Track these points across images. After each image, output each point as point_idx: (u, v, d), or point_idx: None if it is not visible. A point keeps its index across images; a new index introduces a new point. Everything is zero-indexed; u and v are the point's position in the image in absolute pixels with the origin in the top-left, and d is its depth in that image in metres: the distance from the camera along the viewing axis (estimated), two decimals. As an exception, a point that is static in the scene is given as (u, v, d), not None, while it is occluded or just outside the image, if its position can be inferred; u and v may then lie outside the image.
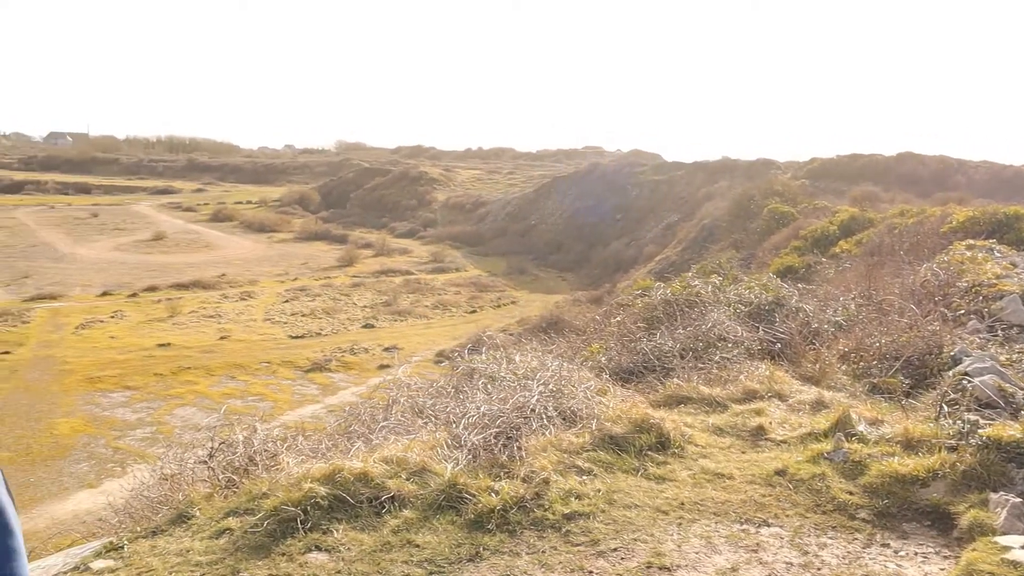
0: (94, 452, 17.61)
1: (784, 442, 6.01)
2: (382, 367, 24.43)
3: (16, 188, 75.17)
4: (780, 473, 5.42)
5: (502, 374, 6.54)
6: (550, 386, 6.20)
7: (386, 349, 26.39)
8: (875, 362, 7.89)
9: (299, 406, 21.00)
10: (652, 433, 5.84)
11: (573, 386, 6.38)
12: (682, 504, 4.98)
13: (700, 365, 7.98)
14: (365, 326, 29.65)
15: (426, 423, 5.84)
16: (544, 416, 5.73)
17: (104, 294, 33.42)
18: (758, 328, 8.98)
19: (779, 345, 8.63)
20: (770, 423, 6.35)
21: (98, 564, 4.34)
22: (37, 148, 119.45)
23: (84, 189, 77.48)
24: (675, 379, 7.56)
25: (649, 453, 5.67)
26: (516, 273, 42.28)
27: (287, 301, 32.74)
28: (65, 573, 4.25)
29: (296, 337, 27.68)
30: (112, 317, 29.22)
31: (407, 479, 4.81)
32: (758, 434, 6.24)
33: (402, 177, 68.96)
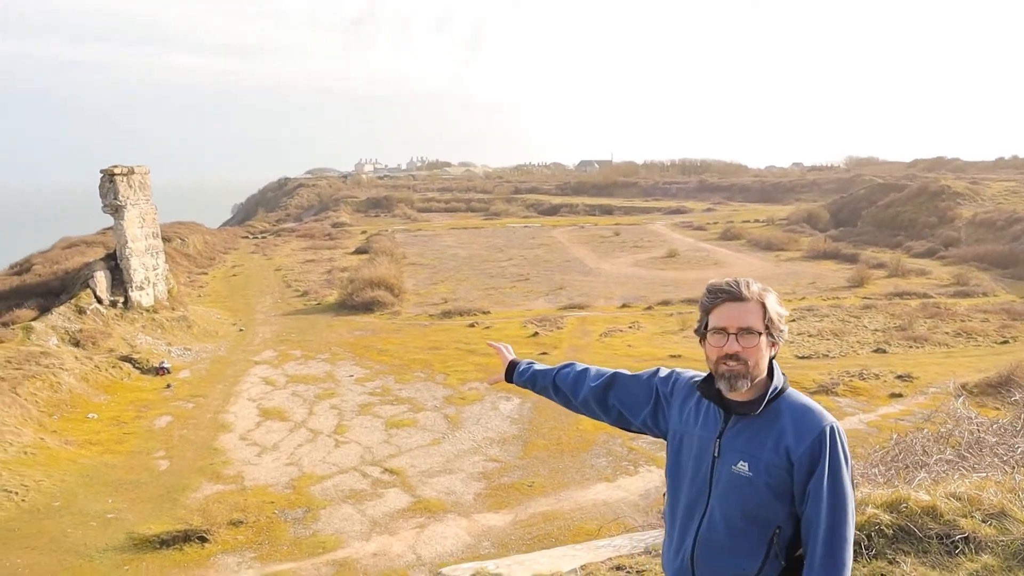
0: (611, 450, 19.15)
1: None
2: (893, 395, 22.79)
3: (553, 211, 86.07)
4: None
5: (1088, 417, 5.63)
6: None
7: (899, 377, 24.53)
8: None
9: (805, 427, 20.47)
10: None
11: None
12: None
13: None
14: (876, 350, 27.93)
15: (996, 462, 5.25)
16: None
17: (623, 306, 36.33)
18: None
19: None
20: None
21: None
22: (570, 175, 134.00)
23: (607, 210, 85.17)
24: None
25: None
26: (1061, 302, 36.36)
27: (794, 320, 32.21)
28: (634, 554, 4.67)
29: (802, 357, 27.12)
30: (630, 327, 31.60)
31: (983, 521, 4.37)
32: None
33: (920, 192, 63.52)
